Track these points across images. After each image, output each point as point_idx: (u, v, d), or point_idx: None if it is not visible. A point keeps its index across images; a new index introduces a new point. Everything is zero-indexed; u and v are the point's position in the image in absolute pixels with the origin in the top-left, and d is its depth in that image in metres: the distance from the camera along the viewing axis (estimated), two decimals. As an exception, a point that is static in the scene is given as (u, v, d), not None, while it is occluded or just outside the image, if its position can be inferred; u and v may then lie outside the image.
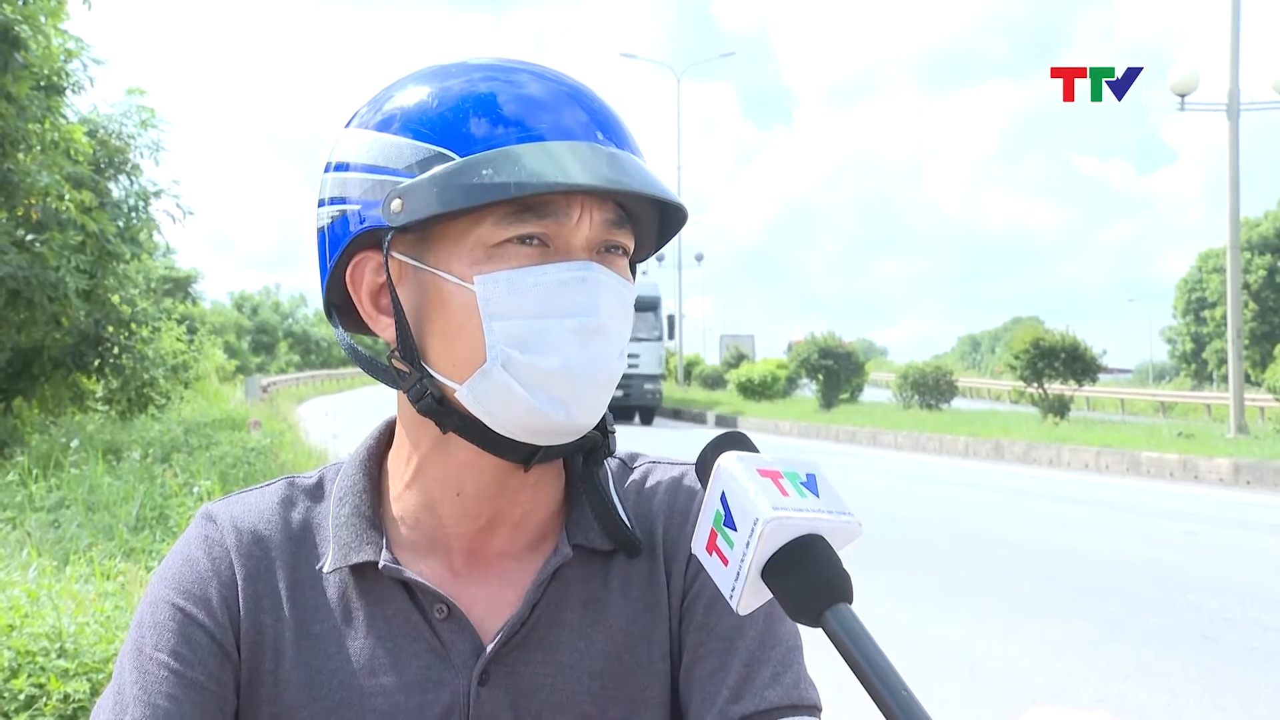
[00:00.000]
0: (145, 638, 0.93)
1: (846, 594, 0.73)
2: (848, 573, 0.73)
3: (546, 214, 0.87)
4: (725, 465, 0.76)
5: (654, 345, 27.87)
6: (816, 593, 0.72)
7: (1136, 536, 9.57)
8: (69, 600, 4.04)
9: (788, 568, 0.73)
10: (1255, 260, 45.45)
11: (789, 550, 0.73)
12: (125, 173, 12.67)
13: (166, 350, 15.33)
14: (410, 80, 0.93)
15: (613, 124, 0.92)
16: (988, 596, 7.13)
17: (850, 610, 0.72)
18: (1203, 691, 5.07)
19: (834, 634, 0.71)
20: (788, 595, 0.73)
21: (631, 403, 26.93)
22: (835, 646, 0.71)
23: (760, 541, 0.72)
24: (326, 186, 0.93)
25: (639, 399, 27.16)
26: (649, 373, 27.24)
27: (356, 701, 0.92)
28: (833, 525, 0.74)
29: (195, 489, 7.26)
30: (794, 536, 0.73)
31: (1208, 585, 7.38)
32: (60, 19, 10.04)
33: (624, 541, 0.96)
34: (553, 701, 0.93)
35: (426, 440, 0.95)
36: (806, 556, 0.72)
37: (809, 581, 0.72)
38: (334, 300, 0.97)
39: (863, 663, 0.69)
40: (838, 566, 0.73)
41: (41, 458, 8.91)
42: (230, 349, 41.39)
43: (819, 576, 0.72)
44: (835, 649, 0.71)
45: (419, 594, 0.94)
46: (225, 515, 0.98)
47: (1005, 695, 5.02)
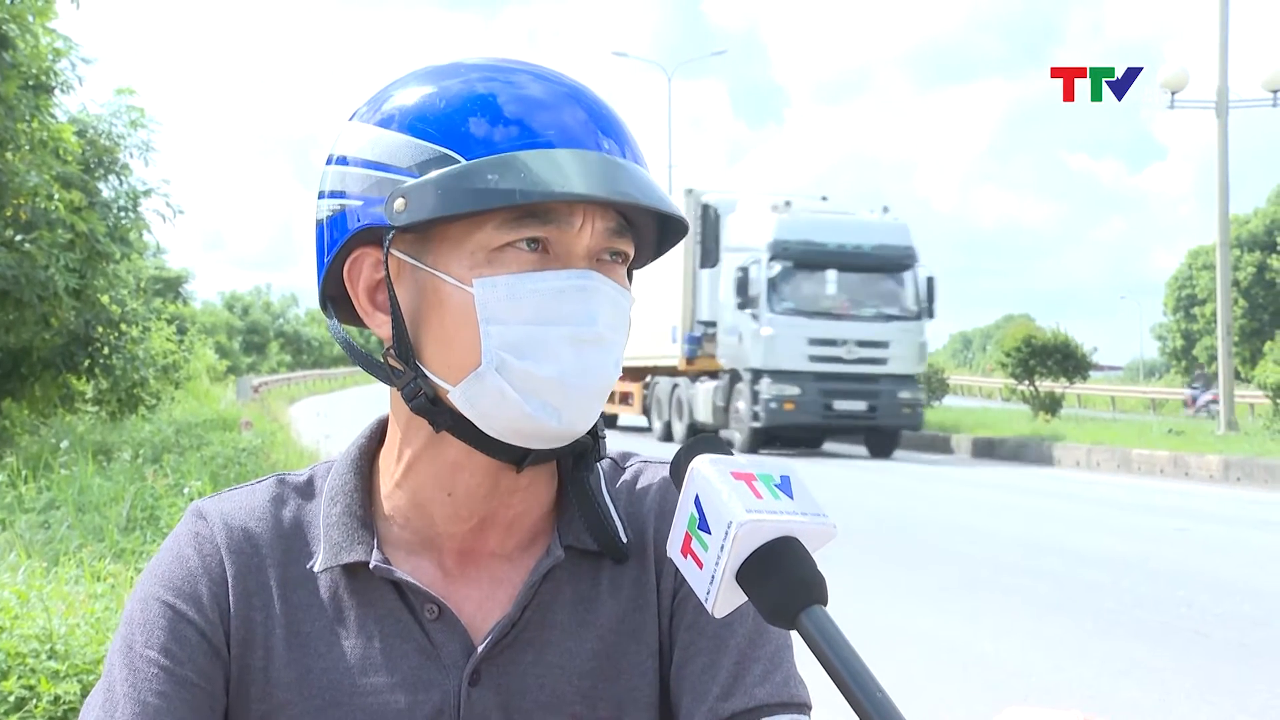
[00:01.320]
0: (135, 635, 0.92)
1: (821, 596, 0.73)
2: (822, 575, 0.73)
3: (549, 220, 0.88)
4: (699, 468, 0.76)
5: (910, 328, 16.68)
6: (791, 595, 0.72)
7: (1128, 533, 9.59)
8: (59, 601, 4.02)
9: (762, 570, 0.73)
10: (1245, 257, 45.59)
11: (763, 553, 0.73)
12: (115, 172, 12.63)
13: (157, 350, 15.30)
14: (412, 79, 0.93)
15: (613, 126, 0.92)
16: (980, 593, 7.14)
17: (825, 612, 0.72)
18: (1194, 687, 5.09)
19: (809, 636, 0.71)
20: (762, 598, 0.73)
21: (881, 420, 16.46)
22: (810, 649, 0.71)
23: (734, 544, 0.72)
24: (327, 179, 0.94)
25: (892, 415, 16.48)
26: (903, 372, 16.55)
27: (346, 701, 0.92)
28: (807, 527, 0.74)
29: (186, 490, 7.24)
30: (768, 539, 0.73)
31: (1199, 581, 7.41)
32: (48, 18, 10.00)
33: (611, 548, 0.96)
34: (543, 701, 0.93)
35: (419, 439, 0.94)
36: (781, 559, 0.73)
37: (784, 584, 0.72)
38: (330, 293, 0.97)
39: (838, 664, 0.69)
40: (812, 568, 0.73)
41: (31, 459, 8.88)
42: (221, 349, 41.33)
43: (794, 579, 0.72)
44: (810, 651, 0.71)
45: (410, 594, 0.94)
46: (215, 512, 0.98)
47: (998, 692, 5.02)
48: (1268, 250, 46.62)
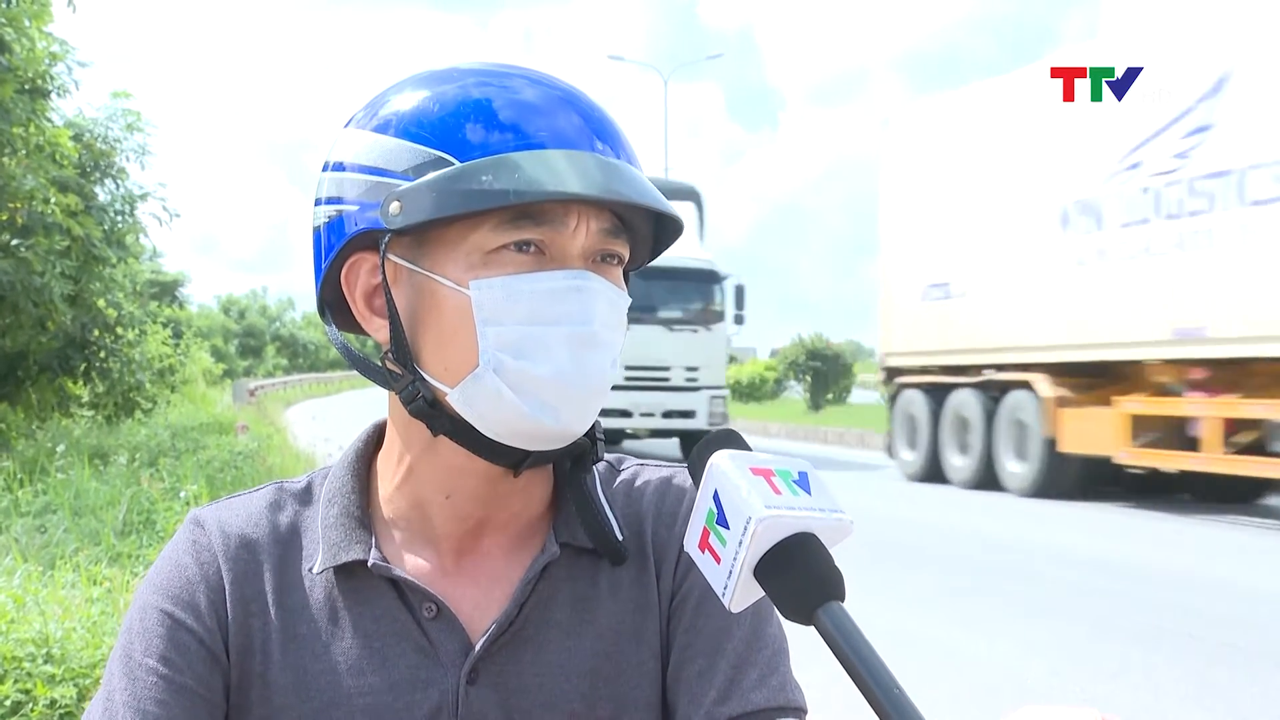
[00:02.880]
0: (134, 644, 0.93)
1: (839, 592, 0.73)
2: (840, 571, 0.74)
3: (543, 221, 0.88)
4: (718, 463, 0.76)
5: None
6: (809, 591, 0.73)
7: (1123, 535, 9.61)
8: (55, 605, 4.02)
9: (780, 566, 0.73)
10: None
11: (781, 548, 0.73)
12: (111, 176, 12.61)
13: (153, 354, 15.27)
14: (408, 84, 0.94)
15: (608, 129, 0.92)
16: (975, 596, 7.15)
17: (843, 608, 0.72)
18: (1188, 690, 5.10)
19: (826, 632, 0.72)
20: (780, 593, 0.73)
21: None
22: (828, 644, 0.71)
23: (753, 540, 0.72)
24: (323, 186, 0.94)
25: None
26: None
27: (345, 702, 0.93)
28: (825, 523, 0.74)
29: (182, 493, 7.23)
30: (786, 535, 0.73)
31: (1193, 584, 7.42)
32: (45, 21, 9.98)
33: (609, 549, 0.96)
34: (541, 701, 0.93)
35: (417, 443, 0.95)
36: (799, 555, 0.73)
37: (802, 579, 0.73)
38: (327, 299, 0.98)
39: (855, 661, 0.70)
40: (830, 564, 0.74)
41: (27, 462, 8.86)
42: (217, 352, 41.25)
43: (812, 574, 0.73)
44: (828, 647, 0.71)
45: (408, 592, 0.95)
46: (213, 520, 0.99)
47: (993, 695, 5.03)
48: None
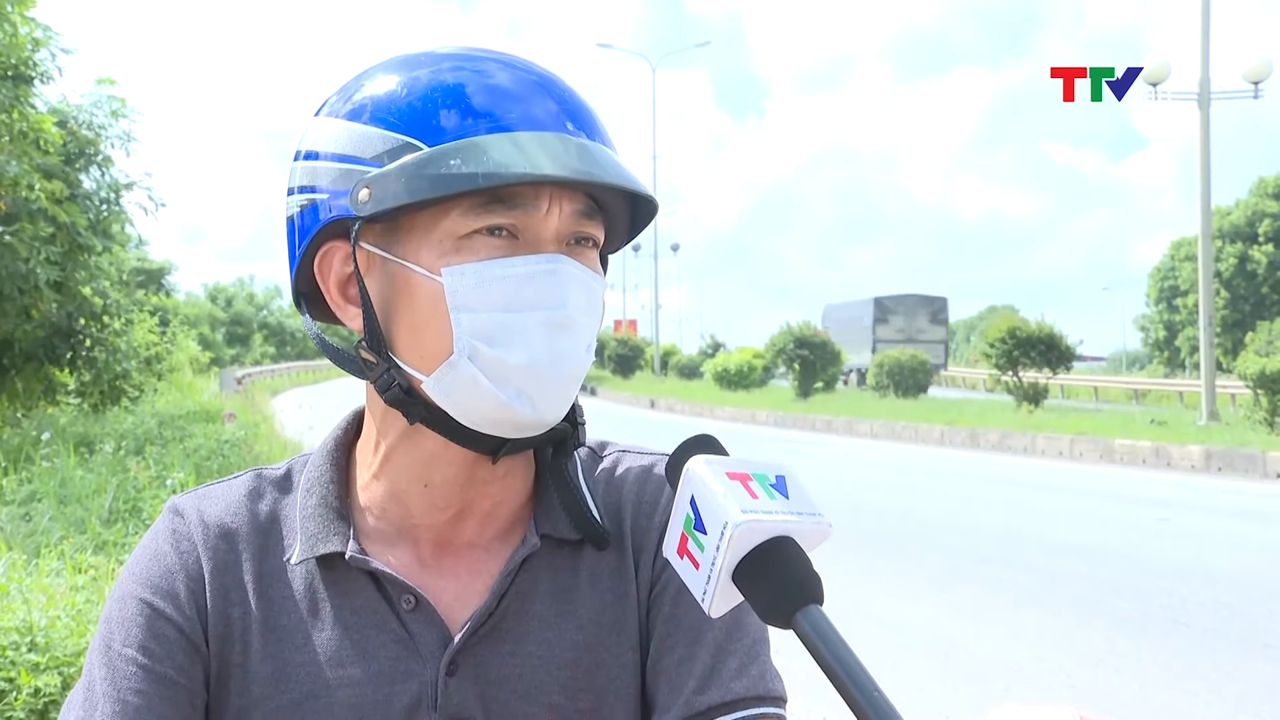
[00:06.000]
0: (114, 634, 0.92)
1: (817, 595, 0.73)
2: (818, 574, 0.74)
3: (515, 205, 0.87)
4: (694, 469, 0.76)
5: None
6: (787, 595, 0.72)
7: (1109, 523, 9.65)
8: (40, 594, 4.01)
9: (758, 570, 0.73)
10: (1226, 248, 45.82)
11: (759, 553, 0.73)
12: (97, 164, 12.54)
13: (139, 343, 15.22)
14: (380, 69, 0.92)
15: (582, 113, 0.91)
16: (962, 583, 7.17)
17: (821, 611, 0.72)
18: (1173, 676, 5.13)
19: (805, 635, 0.71)
20: (759, 597, 0.73)
21: None
22: (806, 648, 0.71)
23: (730, 545, 0.72)
24: (296, 175, 0.93)
25: None
26: None
27: (324, 693, 0.92)
28: (802, 527, 0.74)
29: (169, 482, 7.21)
30: (764, 539, 0.73)
31: (1179, 571, 7.46)
32: (28, 6, 9.92)
33: (592, 534, 0.96)
34: (521, 692, 0.93)
35: (394, 431, 0.94)
36: (777, 559, 0.73)
37: (780, 583, 0.73)
38: (303, 289, 0.97)
39: (834, 664, 0.70)
40: (808, 568, 0.73)
41: (13, 451, 8.83)
42: (204, 341, 41.12)
43: (789, 578, 0.73)
44: (807, 651, 0.71)
45: (386, 584, 0.94)
46: (192, 509, 0.98)
47: (979, 681, 5.06)
48: (1249, 241, 46.88)
